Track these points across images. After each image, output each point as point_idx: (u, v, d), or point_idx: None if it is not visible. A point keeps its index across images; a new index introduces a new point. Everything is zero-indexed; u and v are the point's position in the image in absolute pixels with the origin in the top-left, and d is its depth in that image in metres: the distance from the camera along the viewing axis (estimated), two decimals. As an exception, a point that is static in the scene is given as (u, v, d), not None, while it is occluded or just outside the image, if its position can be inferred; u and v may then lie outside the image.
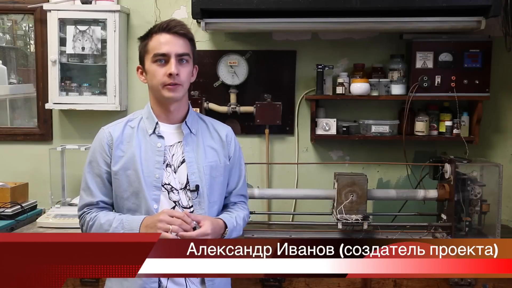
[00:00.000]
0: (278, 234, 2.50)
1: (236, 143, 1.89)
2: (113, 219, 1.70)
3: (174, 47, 1.68)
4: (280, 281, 2.25)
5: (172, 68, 1.67)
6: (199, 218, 1.67)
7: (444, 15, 2.50)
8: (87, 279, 2.26)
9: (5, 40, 3.08)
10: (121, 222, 1.68)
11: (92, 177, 1.76)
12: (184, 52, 1.70)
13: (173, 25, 1.70)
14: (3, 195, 2.65)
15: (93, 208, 1.76)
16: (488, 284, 2.20)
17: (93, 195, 1.75)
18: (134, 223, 1.67)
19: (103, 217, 1.71)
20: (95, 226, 1.72)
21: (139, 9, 2.85)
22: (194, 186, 1.73)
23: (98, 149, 1.76)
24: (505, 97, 2.82)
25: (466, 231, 2.42)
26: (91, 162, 1.76)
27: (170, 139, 1.77)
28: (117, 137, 1.75)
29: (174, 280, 1.72)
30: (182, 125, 1.78)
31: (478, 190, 2.39)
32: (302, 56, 2.83)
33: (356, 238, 2.45)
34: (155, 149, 1.74)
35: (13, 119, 3.06)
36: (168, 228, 1.59)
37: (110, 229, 1.68)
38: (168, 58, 1.68)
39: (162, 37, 1.69)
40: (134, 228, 1.66)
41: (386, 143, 2.80)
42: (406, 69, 2.69)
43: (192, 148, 1.77)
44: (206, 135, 1.83)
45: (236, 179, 1.89)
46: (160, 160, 1.73)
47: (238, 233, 1.83)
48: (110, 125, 1.81)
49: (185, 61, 1.71)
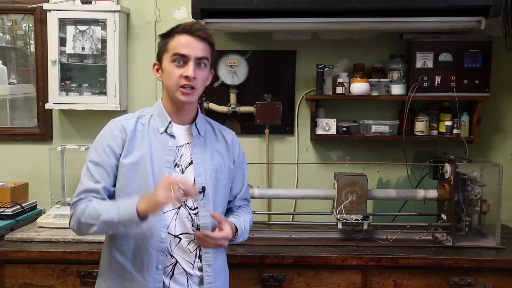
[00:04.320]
0: (278, 234, 2.50)
1: (240, 148, 1.93)
2: (108, 203, 1.66)
3: (194, 50, 1.69)
4: (280, 281, 2.25)
5: (190, 71, 1.67)
6: (221, 218, 1.70)
7: (444, 15, 2.50)
8: (87, 279, 2.26)
9: (5, 40, 3.08)
10: (115, 204, 1.65)
11: (96, 167, 1.70)
12: (204, 56, 1.71)
13: (196, 28, 1.70)
14: (3, 195, 2.65)
15: (90, 195, 1.68)
16: (488, 284, 2.20)
17: (96, 181, 1.69)
18: (130, 201, 1.60)
19: (98, 204, 1.65)
20: (87, 211, 1.64)
21: (139, 9, 2.85)
22: (201, 188, 1.74)
23: (108, 139, 1.72)
24: (505, 97, 2.82)
25: (466, 231, 2.43)
26: (98, 152, 1.71)
27: (180, 139, 1.78)
28: (130, 131, 1.74)
29: (177, 280, 1.73)
30: (192, 127, 1.79)
31: (478, 190, 2.39)
32: (302, 56, 2.83)
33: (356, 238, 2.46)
34: (166, 148, 1.74)
35: (13, 119, 3.06)
36: (171, 195, 1.51)
37: (103, 212, 1.61)
38: (187, 59, 1.68)
39: (183, 38, 1.69)
40: (130, 205, 1.58)
41: (386, 143, 2.80)
42: (406, 69, 2.69)
43: (199, 150, 1.78)
44: (212, 139, 1.85)
45: (240, 184, 1.92)
46: (171, 159, 1.73)
47: (244, 238, 1.86)
48: (121, 118, 1.78)
49: (203, 65, 1.72)
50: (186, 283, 1.74)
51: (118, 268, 1.74)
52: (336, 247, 2.35)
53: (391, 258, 2.25)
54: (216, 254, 1.80)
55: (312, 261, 2.25)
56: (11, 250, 2.28)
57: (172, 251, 1.73)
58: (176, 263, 1.73)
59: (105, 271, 1.79)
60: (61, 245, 2.34)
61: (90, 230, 1.66)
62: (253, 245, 2.35)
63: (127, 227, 1.62)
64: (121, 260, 1.73)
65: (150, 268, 1.70)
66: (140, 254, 1.70)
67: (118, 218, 1.59)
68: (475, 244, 2.38)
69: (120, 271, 1.74)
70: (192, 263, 1.75)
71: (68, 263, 2.27)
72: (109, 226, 1.63)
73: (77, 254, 2.26)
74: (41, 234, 2.41)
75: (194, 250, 1.75)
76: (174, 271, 1.73)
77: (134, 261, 1.72)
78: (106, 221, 1.61)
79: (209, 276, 1.76)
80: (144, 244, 1.70)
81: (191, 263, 1.75)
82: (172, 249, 1.72)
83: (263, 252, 2.27)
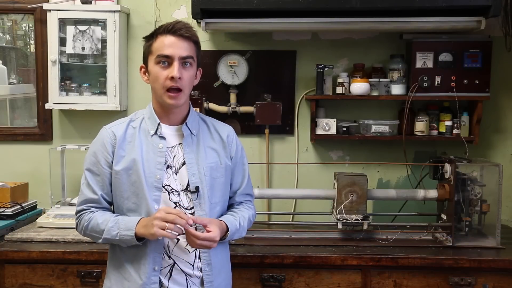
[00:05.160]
0: (278, 234, 2.50)
1: (238, 143, 1.89)
2: (110, 218, 1.71)
3: (178, 50, 1.67)
4: (280, 281, 2.25)
5: (175, 72, 1.66)
6: (206, 221, 1.67)
7: (444, 15, 2.50)
8: (87, 279, 2.26)
9: (5, 40, 3.08)
10: (116, 222, 1.69)
11: (92, 175, 1.76)
12: (188, 55, 1.70)
13: (178, 27, 1.69)
14: (3, 195, 2.65)
15: (91, 207, 1.76)
16: (488, 284, 2.20)
17: (94, 191, 1.75)
18: (130, 223, 1.68)
19: (100, 217, 1.73)
20: (91, 225, 1.73)
21: (139, 9, 2.85)
22: (194, 188, 1.74)
23: (100, 148, 1.76)
24: (505, 97, 2.82)
25: (466, 231, 2.43)
26: (92, 161, 1.76)
27: (171, 140, 1.77)
28: (120, 136, 1.75)
29: (175, 280, 1.73)
30: (183, 127, 1.78)
31: (478, 190, 2.39)
32: (302, 56, 2.83)
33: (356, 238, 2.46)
34: (156, 150, 1.74)
35: (13, 119, 3.06)
36: (164, 226, 1.59)
37: (106, 228, 1.70)
38: (171, 60, 1.68)
39: (166, 39, 1.68)
40: (130, 227, 1.67)
41: (386, 143, 2.80)
42: (406, 69, 2.69)
43: (192, 149, 1.77)
44: (206, 136, 1.83)
45: (240, 179, 1.90)
46: (162, 161, 1.73)
47: (240, 235, 1.84)
48: (112, 125, 1.81)
49: (188, 64, 1.71)
50: (185, 283, 1.74)
51: (120, 267, 1.75)
52: (336, 247, 2.35)
53: (391, 258, 2.25)
54: (215, 252, 1.78)
55: (312, 261, 2.25)
56: (11, 250, 2.28)
57: (170, 252, 1.72)
58: (174, 263, 1.73)
59: (109, 270, 1.82)
60: (61, 245, 2.34)
61: (95, 241, 1.77)
62: (253, 245, 2.35)
63: (128, 244, 1.71)
64: (122, 260, 1.75)
65: (146, 269, 1.70)
66: (138, 254, 1.71)
67: (119, 238, 1.68)
68: (475, 244, 2.38)
69: (121, 270, 1.75)
70: (191, 263, 1.74)
71: (68, 263, 2.27)
72: (111, 241, 1.73)
73: (77, 254, 2.26)
74: (41, 234, 2.41)
75: (193, 251, 1.74)
76: (172, 272, 1.73)
77: (133, 262, 1.72)
78: (109, 238, 1.70)
79: (209, 275, 1.76)
80: (141, 246, 1.70)
81: (190, 263, 1.74)
82: (170, 250, 1.72)
83: (263, 252, 2.27)
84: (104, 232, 1.70)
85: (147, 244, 1.70)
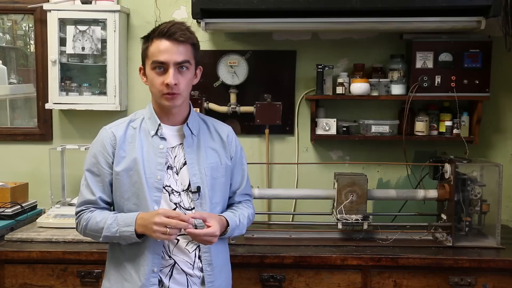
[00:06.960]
0: (278, 234, 2.50)
1: (237, 143, 1.89)
2: (108, 216, 1.71)
3: (173, 55, 1.65)
4: (280, 281, 2.25)
5: (170, 79, 1.65)
6: (205, 216, 1.67)
7: (444, 15, 2.50)
8: (87, 279, 2.26)
9: (5, 40, 3.08)
10: (115, 219, 1.69)
11: (92, 176, 1.76)
12: (184, 60, 1.67)
13: (173, 31, 1.66)
14: (3, 195, 2.65)
15: (91, 207, 1.76)
16: (488, 284, 2.20)
17: (93, 193, 1.75)
18: (129, 219, 1.67)
19: (99, 215, 1.73)
20: (90, 223, 1.73)
21: (139, 9, 2.85)
22: (195, 188, 1.74)
23: (100, 149, 1.75)
24: (505, 97, 2.82)
25: (466, 231, 2.43)
26: (92, 162, 1.76)
27: (172, 141, 1.77)
28: (120, 137, 1.75)
29: (176, 280, 1.73)
30: (184, 127, 1.78)
31: (478, 190, 2.39)
32: (302, 56, 2.83)
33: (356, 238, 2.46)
34: (157, 150, 1.74)
35: (13, 119, 3.06)
36: (165, 231, 1.59)
37: (105, 226, 1.70)
38: (167, 66, 1.66)
39: (161, 44, 1.66)
40: (129, 223, 1.67)
41: (386, 143, 2.80)
42: (406, 69, 2.69)
43: (193, 149, 1.77)
44: (206, 136, 1.83)
45: (240, 179, 1.90)
46: (162, 162, 1.73)
47: (240, 232, 1.84)
48: (112, 125, 1.80)
49: (185, 68, 1.69)
50: (186, 283, 1.74)
51: (120, 267, 1.75)
52: (336, 247, 2.35)
53: (391, 258, 2.25)
54: (216, 252, 1.78)
55: (312, 261, 2.25)
56: (11, 250, 2.28)
57: (170, 252, 1.72)
58: (174, 264, 1.73)
59: (108, 270, 1.81)
60: (61, 245, 2.34)
61: (96, 239, 1.76)
62: (253, 245, 2.35)
63: (128, 242, 1.70)
64: (122, 260, 1.74)
65: (145, 270, 1.70)
66: (138, 255, 1.71)
67: (119, 234, 1.68)
68: (475, 244, 2.38)
69: (121, 270, 1.75)
70: (192, 263, 1.74)
71: (68, 263, 2.27)
72: (111, 239, 1.72)
73: (77, 254, 2.26)
74: (41, 234, 2.41)
75: (193, 251, 1.74)
76: (172, 272, 1.73)
77: (133, 262, 1.72)
78: (108, 236, 1.70)
79: (210, 275, 1.76)
80: (140, 246, 1.70)
81: (190, 264, 1.74)
82: (170, 250, 1.72)
83: (263, 252, 2.27)
84: (103, 230, 1.69)
85: (146, 245, 1.70)
